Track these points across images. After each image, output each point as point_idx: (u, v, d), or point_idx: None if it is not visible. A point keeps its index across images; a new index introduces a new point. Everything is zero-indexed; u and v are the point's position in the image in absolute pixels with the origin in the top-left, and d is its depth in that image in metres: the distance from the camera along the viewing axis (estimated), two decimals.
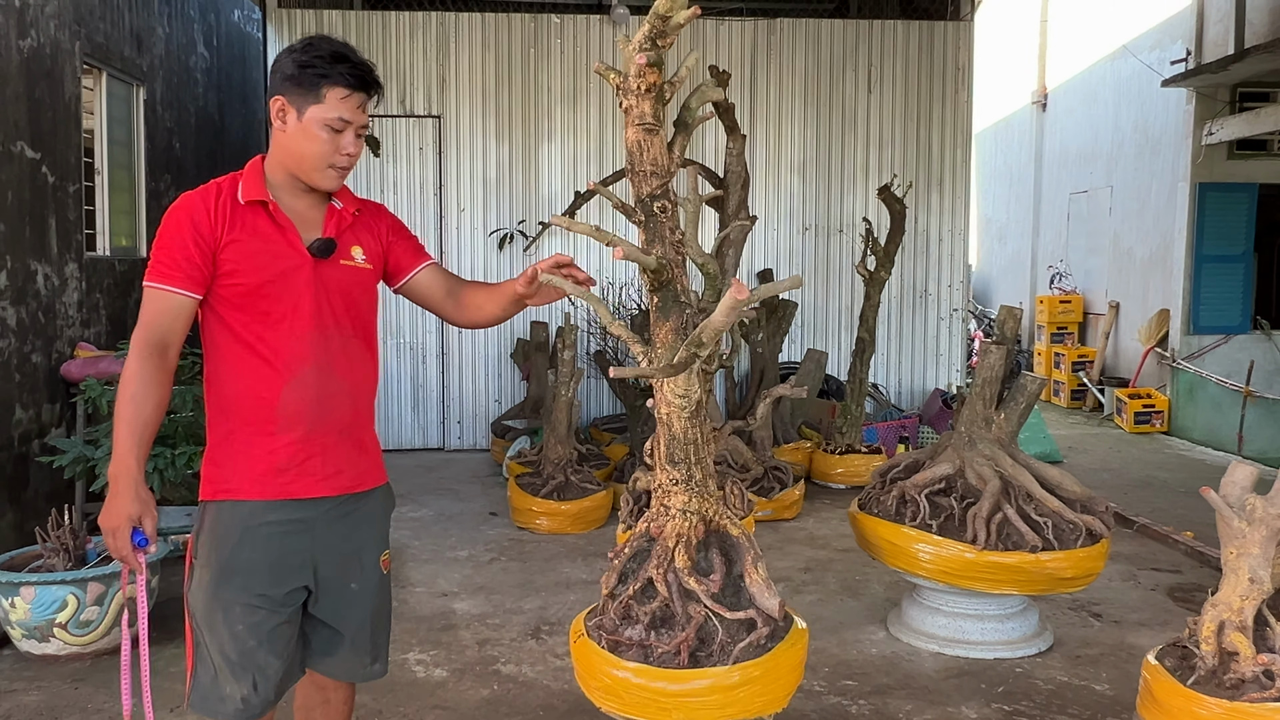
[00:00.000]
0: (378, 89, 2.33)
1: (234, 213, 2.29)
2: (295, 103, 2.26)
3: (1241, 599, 2.70)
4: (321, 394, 2.34)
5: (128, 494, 2.15)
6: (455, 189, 8.73)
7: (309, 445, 2.34)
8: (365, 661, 2.52)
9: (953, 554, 4.05)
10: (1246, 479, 2.79)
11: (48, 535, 4.26)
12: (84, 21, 6.24)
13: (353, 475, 2.42)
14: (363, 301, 2.45)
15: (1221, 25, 9.52)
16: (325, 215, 2.40)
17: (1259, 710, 2.58)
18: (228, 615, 2.30)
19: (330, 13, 8.71)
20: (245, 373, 2.31)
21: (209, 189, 2.31)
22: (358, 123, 2.30)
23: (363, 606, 2.48)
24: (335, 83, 2.25)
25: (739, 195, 6.67)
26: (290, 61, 2.27)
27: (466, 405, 8.86)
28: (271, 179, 2.35)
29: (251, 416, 2.31)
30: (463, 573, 5.40)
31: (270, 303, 2.29)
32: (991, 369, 4.30)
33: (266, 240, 2.30)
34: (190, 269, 2.24)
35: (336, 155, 2.29)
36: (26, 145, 5.50)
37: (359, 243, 2.44)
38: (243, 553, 2.30)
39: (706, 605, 2.66)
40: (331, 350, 2.35)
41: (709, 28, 8.85)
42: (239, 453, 2.32)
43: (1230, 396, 9.62)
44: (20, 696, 3.86)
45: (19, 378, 5.38)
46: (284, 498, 2.33)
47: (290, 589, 2.35)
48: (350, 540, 2.44)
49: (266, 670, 2.33)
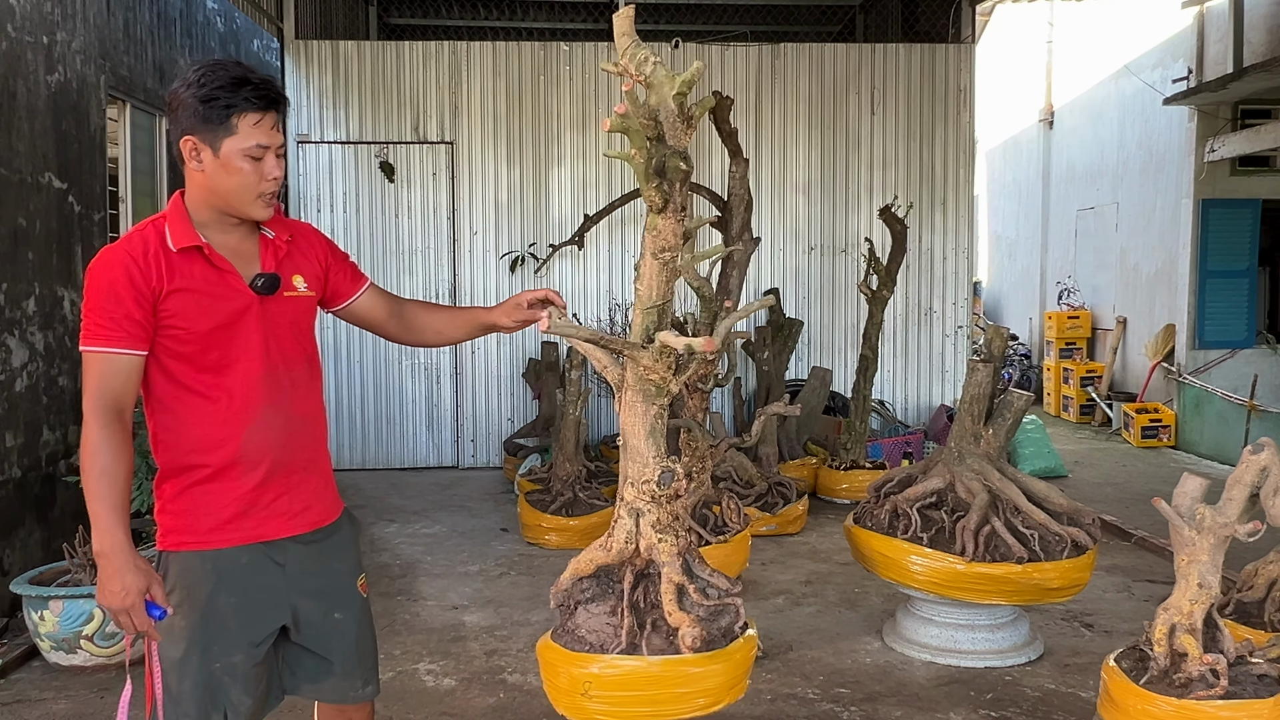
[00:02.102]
0: (285, 102, 2.26)
1: (168, 262, 2.18)
2: (207, 139, 2.17)
3: (1191, 603, 2.85)
4: (283, 432, 2.31)
5: (128, 569, 2.09)
6: (468, 213, 8.95)
7: (274, 485, 2.30)
8: (357, 685, 2.50)
9: (943, 566, 4.19)
10: (1197, 489, 2.93)
11: (75, 551, 4.45)
12: (109, 55, 6.49)
13: (320, 510, 2.41)
14: (308, 327, 2.42)
15: (1221, 44, 9.65)
16: (260, 248, 2.32)
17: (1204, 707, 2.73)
18: (204, 657, 2.26)
19: (346, 43, 8.97)
20: (200, 421, 2.24)
21: (133, 240, 2.20)
22: (275, 144, 2.22)
23: (348, 634, 2.46)
24: (244, 110, 2.16)
25: (742, 217, 6.84)
26: (191, 97, 2.16)
27: (480, 424, 9.05)
28: (197, 218, 2.25)
29: (213, 463, 2.25)
30: (473, 586, 5.56)
31: (221, 349, 2.23)
32: (979, 386, 4.44)
33: (208, 285, 2.22)
34: (131, 326, 2.14)
35: (262, 183, 2.21)
36: (54, 176, 5.74)
37: (299, 270, 2.38)
38: (219, 598, 2.26)
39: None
40: (285, 386, 2.32)
41: (715, 53, 9.06)
42: (200, 502, 2.26)
43: (1236, 410, 9.69)
44: (49, 705, 4.05)
45: (46, 400, 5.60)
46: (253, 541, 2.29)
47: (268, 632, 2.33)
48: (325, 573, 2.42)
49: (239, 708, 2.30)
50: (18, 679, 4.30)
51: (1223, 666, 2.81)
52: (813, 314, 9.17)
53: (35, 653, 4.48)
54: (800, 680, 4.22)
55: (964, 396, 4.54)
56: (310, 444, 2.40)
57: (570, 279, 9.02)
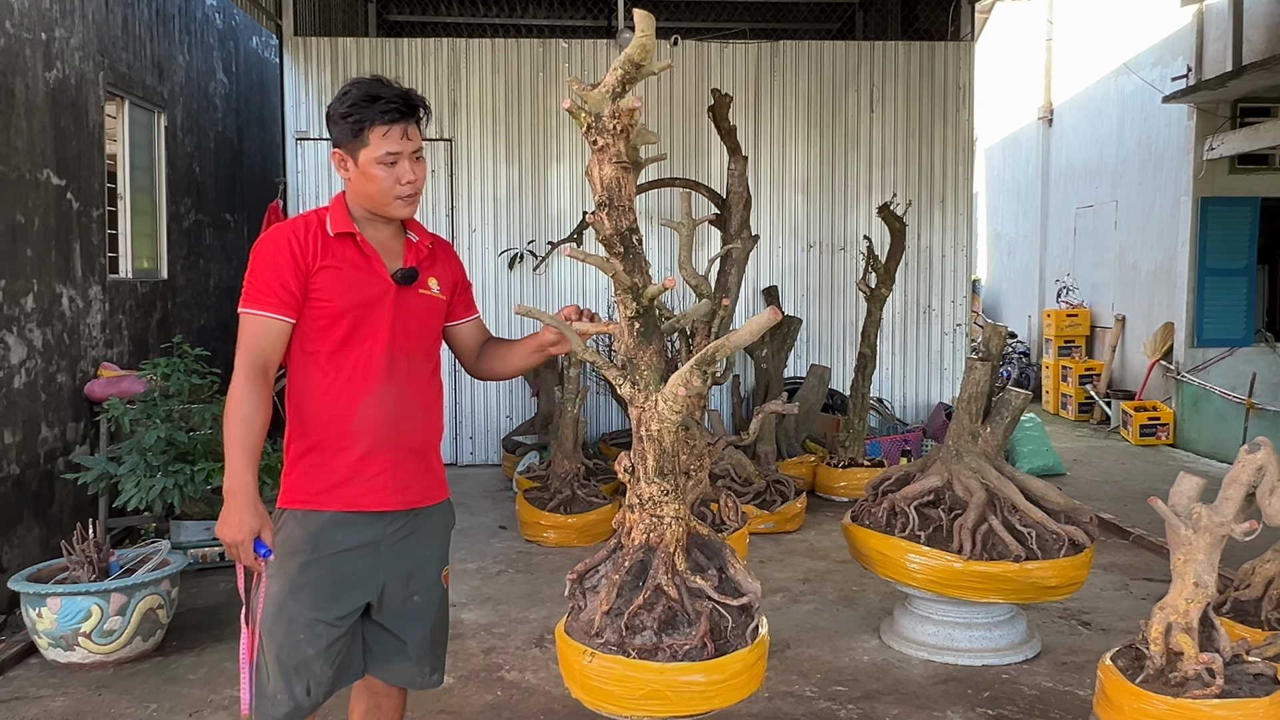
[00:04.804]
0: (422, 109, 2.47)
1: (324, 243, 2.45)
2: (349, 151, 2.44)
3: (1187, 602, 2.85)
4: (394, 412, 2.49)
5: (247, 509, 2.31)
6: (466, 210, 8.94)
7: (380, 460, 2.48)
8: (426, 671, 2.66)
9: (940, 564, 4.19)
10: (1193, 489, 2.93)
11: (73, 549, 4.45)
12: (107, 52, 6.49)
13: (419, 490, 2.57)
14: (434, 329, 2.63)
15: (1220, 42, 9.65)
16: (404, 247, 2.58)
17: (1200, 706, 2.73)
18: (291, 626, 2.44)
19: (345, 40, 8.97)
20: (325, 390, 2.46)
21: (297, 222, 2.49)
22: (408, 150, 2.44)
23: (425, 619, 2.63)
24: (374, 123, 2.39)
25: (741, 215, 6.84)
26: (335, 114, 2.44)
27: (478, 421, 9.06)
28: (354, 214, 2.53)
29: (329, 431, 2.46)
30: (471, 584, 5.56)
31: (353, 325, 2.45)
32: (977, 384, 4.45)
33: (355, 267, 2.47)
34: (285, 295, 2.39)
35: (398, 186, 2.44)
36: (52, 173, 5.73)
37: (435, 274, 2.61)
38: (311, 570, 2.44)
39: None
40: (404, 372, 2.52)
41: (713, 50, 9.05)
42: (315, 466, 2.46)
43: (1234, 409, 9.69)
44: (47, 703, 4.05)
45: (45, 397, 5.60)
46: (355, 509, 2.47)
47: (353, 607, 2.50)
48: (413, 557, 2.58)
49: (321, 678, 2.47)
50: (15, 676, 4.31)
51: (1218, 665, 2.81)
52: (811, 312, 9.17)
53: (33, 650, 4.49)
54: (798, 678, 4.22)
55: (962, 395, 4.54)
56: (420, 430, 2.57)
57: (569, 277, 9.02)
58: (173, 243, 7.64)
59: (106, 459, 5.37)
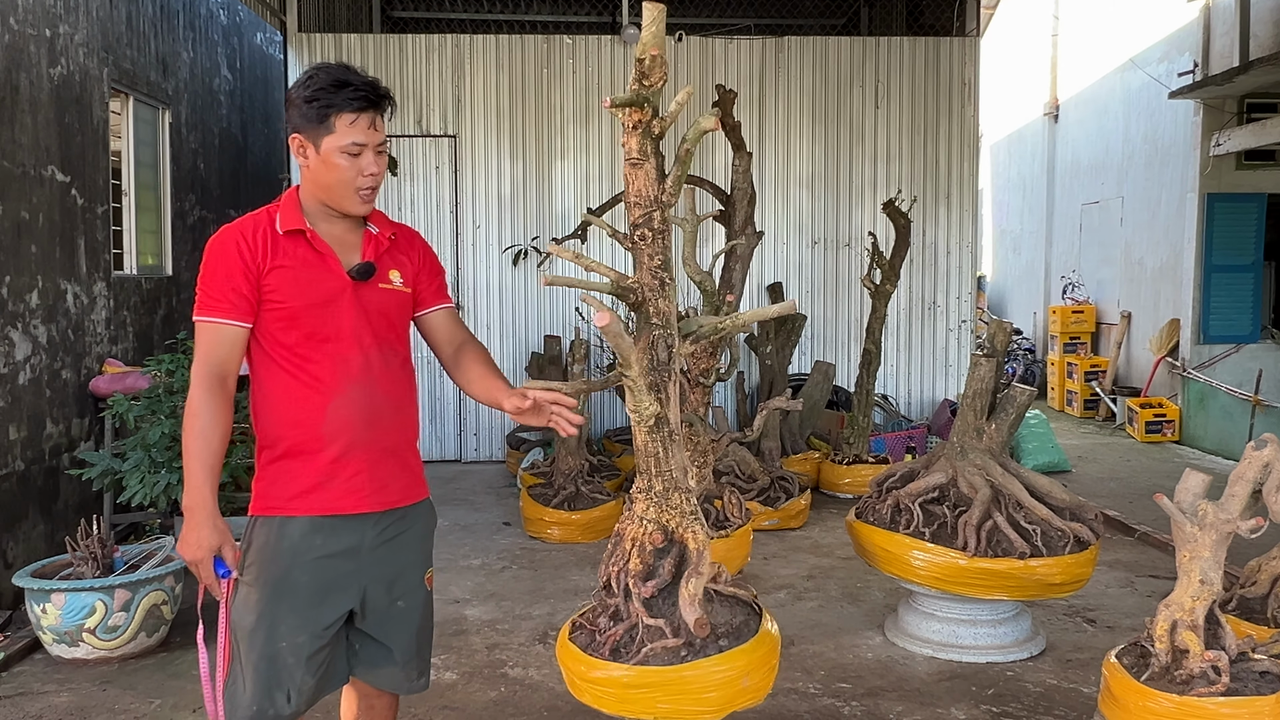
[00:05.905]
0: (387, 103, 2.39)
1: (274, 242, 2.36)
2: (310, 137, 2.35)
3: (1193, 599, 2.84)
4: (366, 411, 2.41)
5: (206, 526, 2.26)
6: (470, 206, 8.94)
7: (355, 462, 2.40)
8: (413, 676, 2.59)
9: (945, 560, 4.18)
10: (1199, 486, 2.92)
11: (77, 545, 4.46)
12: (112, 49, 6.49)
13: (398, 491, 2.49)
14: (401, 323, 2.54)
15: (1227, 38, 9.61)
16: (362, 240, 2.48)
17: (1206, 704, 2.72)
18: (271, 634, 2.36)
19: (349, 36, 8.96)
20: (291, 394, 2.38)
21: (245, 222, 2.39)
22: (373, 142, 2.36)
23: (409, 623, 2.55)
24: (341, 110, 2.31)
25: (745, 211, 6.82)
26: (298, 98, 2.35)
27: (482, 418, 9.05)
28: (307, 208, 2.43)
29: (300, 435, 2.38)
30: (475, 580, 5.56)
31: (313, 326, 2.37)
32: (982, 381, 4.43)
33: (307, 266, 2.38)
34: (237, 299, 2.31)
35: (359, 178, 2.36)
36: (57, 169, 5.74)
37: (396, 266, 2.51)
38: (292, 576, 2.37)
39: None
40: (373, 370, 2.43)
41: (718, 46, 9.04)
42: (285, 471, 2.39)
43: (1240, 405, 9.66)
44: (51, 698, 4.06)
45: (49, 393, 5.60)
46: (331, 513, 2.39)
47: (336, 615, 2.42)
48: (396, 562, 2.51)
49: (302, 687, 2.39)
50: (20, 672, 4.32)
51: (1224, 663, 2.80)
52: (816, 308, 9.15)
53: (38, 646, 4.50)
54: (802, 675, 4.22)
55: (967, 391, 4.53)
56: (395, 429, 2.49)
57: (572, 273, 9.00)
58: (177, 239, 7.64)
59: (111, 455, 5.38)
